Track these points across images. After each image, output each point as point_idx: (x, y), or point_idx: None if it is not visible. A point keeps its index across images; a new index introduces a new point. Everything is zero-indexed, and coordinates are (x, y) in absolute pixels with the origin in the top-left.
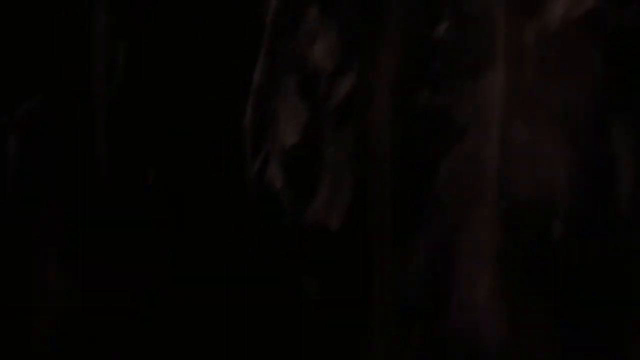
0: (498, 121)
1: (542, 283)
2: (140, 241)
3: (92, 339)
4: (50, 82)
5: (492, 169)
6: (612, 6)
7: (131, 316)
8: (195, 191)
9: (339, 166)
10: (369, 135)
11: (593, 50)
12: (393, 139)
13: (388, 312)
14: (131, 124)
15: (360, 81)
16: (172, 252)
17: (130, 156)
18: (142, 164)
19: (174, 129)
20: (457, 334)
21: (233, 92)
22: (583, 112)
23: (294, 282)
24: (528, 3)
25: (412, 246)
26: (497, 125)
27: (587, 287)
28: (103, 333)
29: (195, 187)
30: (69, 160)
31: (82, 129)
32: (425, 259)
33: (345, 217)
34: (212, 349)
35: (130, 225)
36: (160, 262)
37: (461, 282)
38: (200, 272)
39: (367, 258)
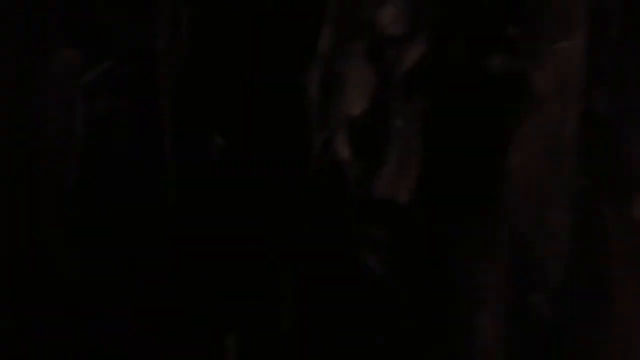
0: (578, 91)
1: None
2: (203, 209)
3: None
4: (115, 50)
5: (571, 143)
6: None
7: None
8: (259, 162)
9: (408, 137)
10: (438, 104)
11: None
12: (463, 108)
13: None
14: (195, 93)
15: (430, 47)
16: (232, 221)
17: (195, 125)
18: (207, 132)
19: (237, 98)
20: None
21: (298, 60)
22: None
23: (359, 257)
24: None
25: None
26: (577, 96)
27: None
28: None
29: (259, 158)
30: (134, 130)
31: (147, 97)
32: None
33: (414, 191)
34: (274, 322)
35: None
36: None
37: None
38: (261, 245)
39: (436, 234)
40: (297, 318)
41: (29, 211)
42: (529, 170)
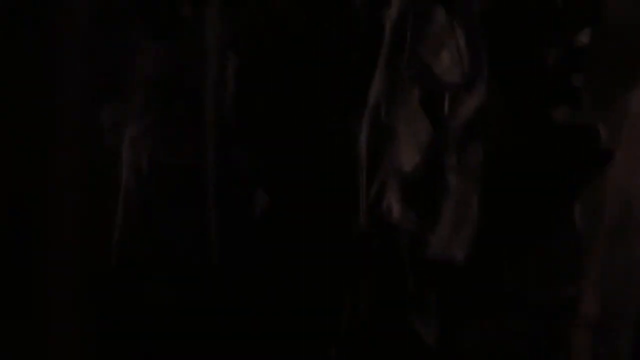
0: None
1: None
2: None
3: None
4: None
5: None
6: None
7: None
8: (304, 220)
9: (464, 194)
10: (498, 158)
11: None
12: (525, 163)
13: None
14: (240, 147)
15: (489, 97)
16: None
17: (240, 180)
18: (251, 188)
19: (282, 148)
20: None
21: (347, 110)
22: None
23: (412, 322)
24: None
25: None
26: None
27: None
28: None
29: (305, 216)
30: (177, 184)
31: (192, 143)
32: None
33: (471, 249)
34: None
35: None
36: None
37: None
38: (308, 307)
39: (495, 294)
40: None
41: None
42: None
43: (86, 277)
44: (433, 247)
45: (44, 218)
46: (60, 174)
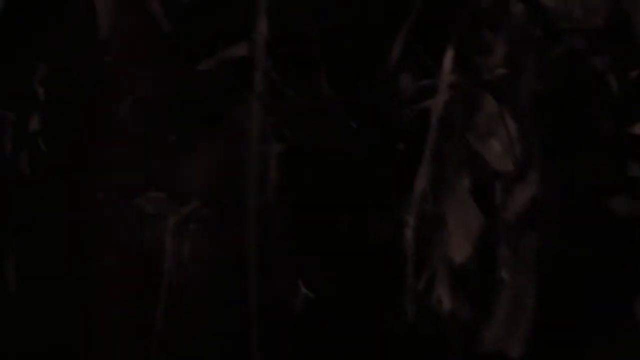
0: None
1: None
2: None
3: None
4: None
5: None
6: None
7: None
8: (348, 311)
9: (519, 286)
10: (554, 250)
11: None
12: (583, 256)
13: None
14: (283, 235)
15: (544, 186)
16: None
17: (281, 271)
18: (291, 275)
19: (326, 239)
20: None
21: (393, 199)
22: None
23: None
24: None
25: None
26: None
27: None
28: None
29: (350, 307)
30: (218, 273)
31: (232, 240)
32: None
33: (526, 345)
34: None
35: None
36: None
37: None
38: None
39: None
40: None
41: None
42: None
43: None
44: (486, 341)
45: (86, 306)
46: (104, 262)
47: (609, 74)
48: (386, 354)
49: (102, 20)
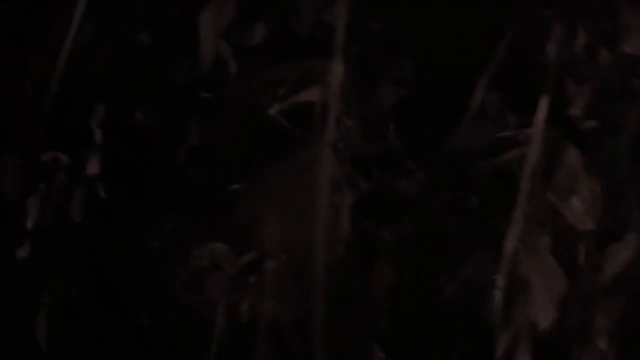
0: None
1: None
2: None
3: None
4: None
5: None
6: None
7: None
8: None
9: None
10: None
11: None
12: None
13: None
14: (356, 287)
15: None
16: None
17: (350, 330)
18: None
19: (404, 298)
20: None
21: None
22: None
23: None
24: None
25: None
26: None
27: None
28: None
29: None
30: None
31: (299, 289)
32: None
33: None
34: None
35: None
36: None
37: None
38: None
39: None
40: None
41: None
42: None
43: None
44: None
45: None
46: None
47: None
48: None
49: (205, 54)
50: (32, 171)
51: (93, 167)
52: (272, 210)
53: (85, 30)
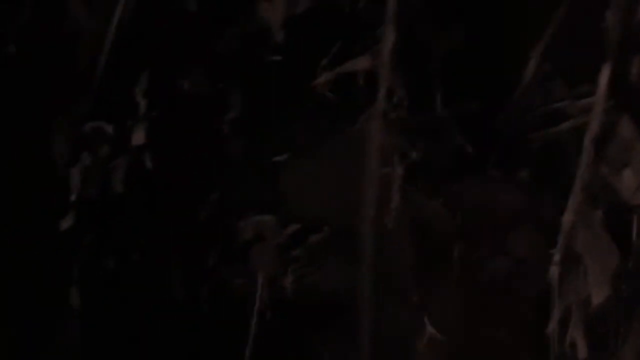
0: None
1: None
2: None
3: None
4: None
5: None
6: None
7: None
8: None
9: None
10: None
11: None
12: None
13: None
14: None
15: None
16: None
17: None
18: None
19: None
20: None
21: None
22: None
23: None
24: None
25: None
26: None
27: None
28: None
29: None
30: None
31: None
32: None
33: None
34: None
35: None
36: None
37: None
38: None
39: None
40: None
41: None
42: None
43: None
44: None
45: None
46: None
47: None
48: None
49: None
50: (77, 142)
51: (138, 137)
52: (318, 181)
53: None
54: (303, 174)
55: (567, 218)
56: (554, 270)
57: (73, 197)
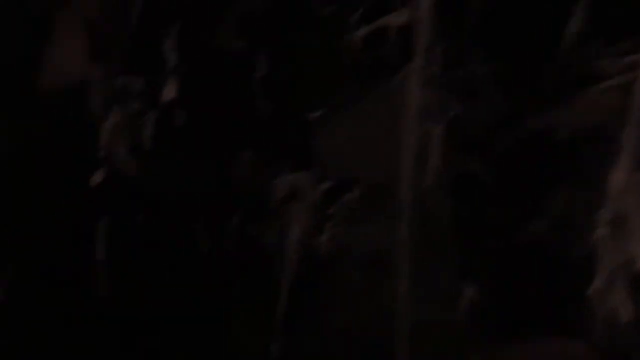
0: None
1: None
2: None
3: None
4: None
5: None
6: None
7: None
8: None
9: None
10: None
11: None
12: None
13: None
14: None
15: None
16: None
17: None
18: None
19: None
20: None
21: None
22: None
23: None
24: None
25: None
26: None
27: None
28: None
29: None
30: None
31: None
32: None
33: None
34: None
35: None
36: None
37: None
38: None
39: None
40: None
41: None
42: None
43: None
44: None
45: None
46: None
47: None
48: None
49: None
50: (109, 97)
51: (169, 92)
52: (355, 139)
53: None
54: (339, 131)
55: (617, 177)
56: (601, 232)
57: (103, 153)
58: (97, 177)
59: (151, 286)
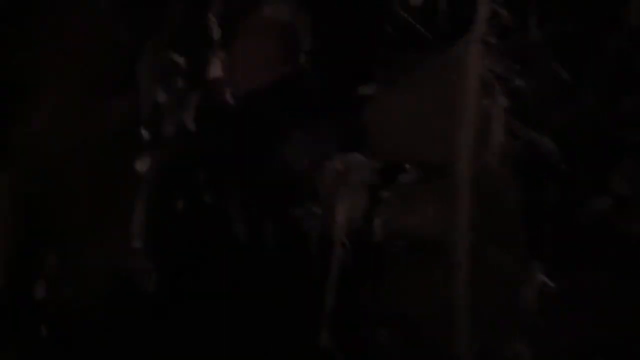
0: None
1: None
2: None
3: None
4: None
5: None
6: None
7: None
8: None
9: None
10: None
11: None
12: None
13: None
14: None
15: None
16: None
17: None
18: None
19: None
20: None
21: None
22: None
23: None
24: None
25: None
26: None
27: None
28: None
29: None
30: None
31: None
32: None
33: None
34: None
35: None
36: None
37: None
38: None
39: None
40: None
41: None
42: None
43: None
44: None
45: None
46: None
47: None
48: None
49: None
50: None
51: (215, 69)
52: (410, 115)
53: None
54: (392, 107)
55: None
56: None
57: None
58: (143, 163)
59: (192, 274)
